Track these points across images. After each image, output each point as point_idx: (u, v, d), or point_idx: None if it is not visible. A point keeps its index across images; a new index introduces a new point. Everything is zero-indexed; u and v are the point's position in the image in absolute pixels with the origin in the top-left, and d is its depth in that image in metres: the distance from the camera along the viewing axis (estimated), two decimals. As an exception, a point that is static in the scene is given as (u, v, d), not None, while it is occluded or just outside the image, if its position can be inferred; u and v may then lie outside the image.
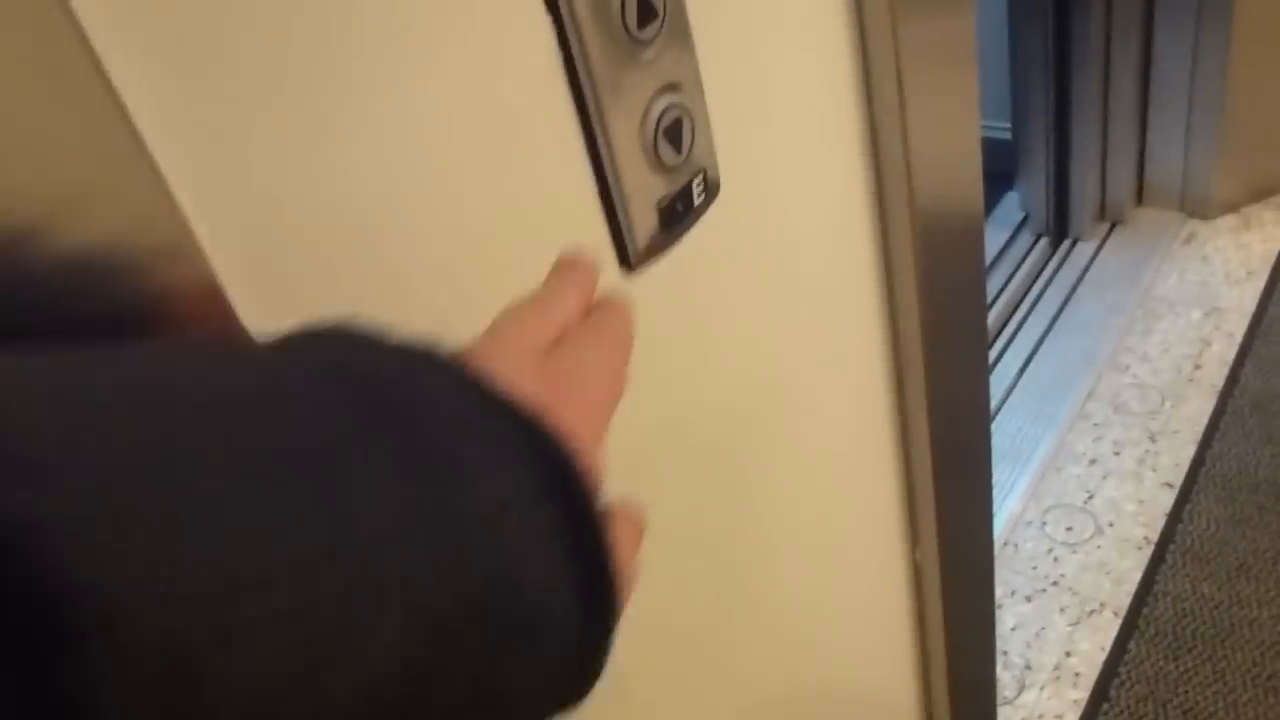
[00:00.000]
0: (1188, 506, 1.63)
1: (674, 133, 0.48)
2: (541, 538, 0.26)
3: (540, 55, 0.43)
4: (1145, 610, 1.51)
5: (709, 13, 0.50)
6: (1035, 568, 1.60)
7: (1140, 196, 2.17)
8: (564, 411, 0.28)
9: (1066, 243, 2.14)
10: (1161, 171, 2.12)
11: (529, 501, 0.26)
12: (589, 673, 0.28)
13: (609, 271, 0.49)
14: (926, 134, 0.68)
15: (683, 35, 0.48)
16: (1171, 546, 1.58)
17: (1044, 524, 1.66)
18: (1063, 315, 2.01)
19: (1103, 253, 2.12)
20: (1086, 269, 2.09)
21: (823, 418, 0.75)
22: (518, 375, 0.29)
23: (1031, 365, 1.92)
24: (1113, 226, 2.16)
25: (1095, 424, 1.80)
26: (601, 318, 0.36)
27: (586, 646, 0.28)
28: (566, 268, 0.37)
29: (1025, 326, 2.00)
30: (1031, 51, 1.91)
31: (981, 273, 0.90)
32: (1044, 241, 2.15)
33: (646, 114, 0.47)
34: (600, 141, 0.45)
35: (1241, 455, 1.68)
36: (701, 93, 0.50)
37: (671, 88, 0.48)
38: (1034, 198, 2.13)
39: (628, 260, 0.49)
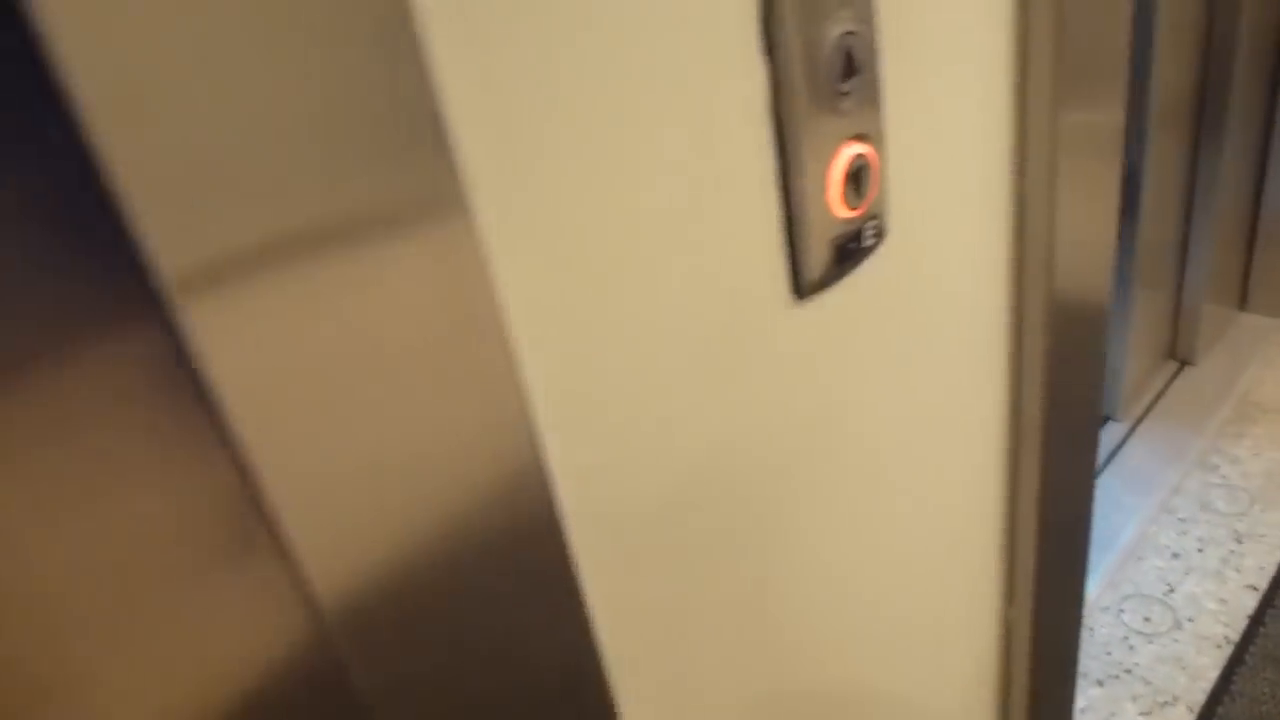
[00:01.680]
0: (1271, 611, 1.62)
1: (857, 179, 0.53)
2: None
3: (751, 95, 0.48)
4: (1220, 709, 1.49)
5: (897, 78, 0.56)
6: (1109, 653, 1.59)
7: (1243, 301, 2.17)
8: None
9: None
10: (1262, 277, 2.12)
11: None
12: None
13: (781, 298, 0.54)
14: (1069, 216, 0.73)
15: (875, 92, 0.53)
16: (1252, 649, 1.57)
17: (1121, 611, 1.65)
18: (1153, 411, 2.01)
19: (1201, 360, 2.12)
20: (1175, 375, 2.09)
21: (939, 454, 0.79)
22: None
23: (1119, 455, 1.92)
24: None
25: (1180, 519, 1.79)
26: None
27: None
28: None
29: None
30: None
31: (1102, 355, 0.93)
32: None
33: (835, 159, 0.52)
34: (792, 179, 0.51)
35: (1330, 565, 1.67)
36: (884, 146, 0.55)
37: (860, 138, 0.53)
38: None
39: (800, 289, 0.54)
